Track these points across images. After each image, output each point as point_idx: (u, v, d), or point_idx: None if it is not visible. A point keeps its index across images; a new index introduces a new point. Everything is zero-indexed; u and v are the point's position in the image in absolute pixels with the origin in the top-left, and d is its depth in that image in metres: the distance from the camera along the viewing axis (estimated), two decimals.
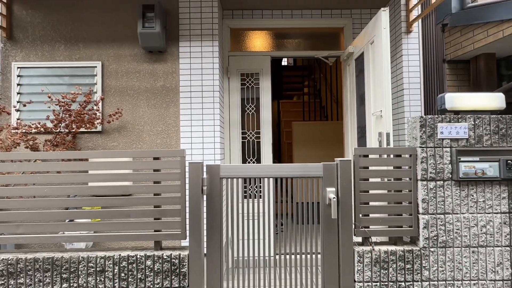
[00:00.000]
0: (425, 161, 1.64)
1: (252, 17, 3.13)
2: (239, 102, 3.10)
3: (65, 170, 1.71)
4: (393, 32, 2.88)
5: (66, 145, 2.47)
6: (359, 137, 2.72)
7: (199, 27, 2.68)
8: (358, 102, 2.76)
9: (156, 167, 1.64)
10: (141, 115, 2.68)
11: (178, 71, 2.68)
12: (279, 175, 1.67)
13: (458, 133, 1.67)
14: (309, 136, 4.36)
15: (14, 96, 2.64)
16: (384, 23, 2.06)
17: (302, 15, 3.13)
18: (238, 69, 3.12)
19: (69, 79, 2.70)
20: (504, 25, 2.32)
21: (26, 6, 2.72)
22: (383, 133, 2.07)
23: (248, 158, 3.12)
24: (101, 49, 2.70)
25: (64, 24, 2.71)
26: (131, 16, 2.66)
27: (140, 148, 2.67)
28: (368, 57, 2.44)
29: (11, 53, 2.71)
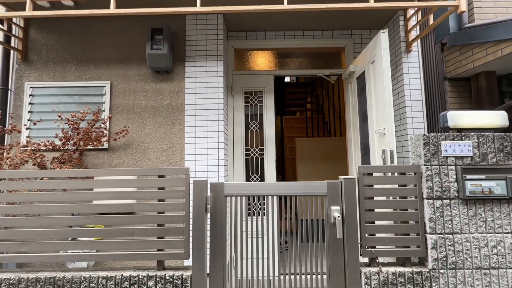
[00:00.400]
0: (430, 179, 1.63)
1: (256, 38, 3.25)
2: (243, 119, 3.15)
3: (71, 188, 1.73)
4: (393, 51, 2.95)
5: (73, 162, 2.51)
6: (362, 154, 2.72)
7: (204, 48, 2.78)
8: (360, 119, 2.78)
9: (160, 185, 1.66)
10: (147, 132, 2.73)
11: (184, 90, 2.75)
12: (283, 193, 1.66)
13: (462, 151, 1.66)
14: (312, 152, 4.35)
15: (25, 114, 2.73)
16: (383, 44, 2.13)
17: (304, 36, 3.24)
18: (242, 88, 3.19)
19: (78, 98, 2.79)
20: (502, 44, 2.37)
21: (42, 30, 2.86)
22: (386, 151, 2.07)
23: (251, 174, 3.12)
24: (111, 69, 2.80)
25: (76, 46, 2.84)
26: (140, 38, 2.78)
27: (145, 165, 2.70)
28: (369, 76, 2.49)
29: (24, 73, 2.83)
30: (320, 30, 3.23)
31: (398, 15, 2.88)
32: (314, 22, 3.08)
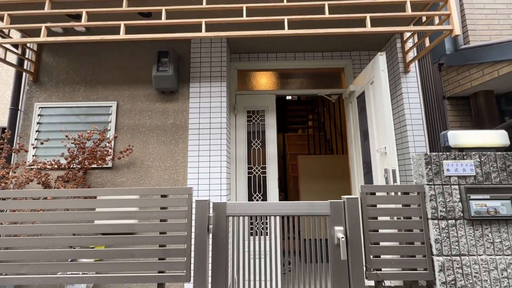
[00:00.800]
0: (434, 199, 1.62)
1: (258, 59, 3.37)
2: (246, 138, 3.19)
3: (73, 208, 1.73)
4: (392, 72, 3.03)
5: (77, 181, 2.53)
6: (365, 172, 2.71)
7: (208, 69, 2.89)
8: (362, 137, 2.80)
9: (163, 205, 1.66)
10: (150, 151, 2.77)
11: (188, 109, 2.82)
12: (285, 213, 1.65)
13: (465, 170, 1.66)
14: (315, 170, 4.34)
15: (33, 134, 2.79)
16: (382, 66, 2.20)
17: (305, 57, 3.35)
18: (245, 107, 3.26)
19: (85, 118, 2.86)
20: (498, 65, 2.43)
21: (53, 53, 3.00)
22: (389, 170, 2.07)
23: (254, 193, 3.11)
24: (118, 90, 2.90)
25: (85, 68, 2.96)
26: (147, 61, 2.90)
27: (148, 183, 2.71)
28: (369, 96, 2.54)
29: (35, 94, 2.93)
30: (320, 52, 3.35)
31: (395, 38, 2.99)
32: (314, 44, 3.20)
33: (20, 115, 2.87)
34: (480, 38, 2.92)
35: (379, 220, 1.65)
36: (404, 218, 1.66)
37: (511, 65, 2.35)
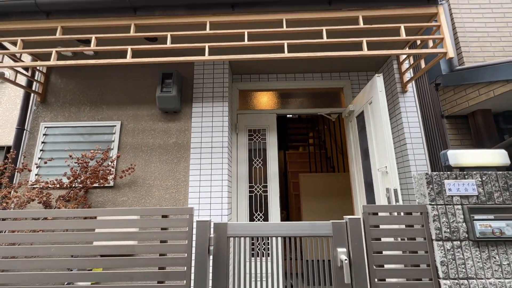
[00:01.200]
0: (438, 219, 1.60)
1: (259, 80, 3.46)
2: (247, 156, 3.21)
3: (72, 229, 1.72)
4: (389, 91, 3.10)
5: (78, 201, 2.52)
6: (366, 191, 2.70)
7: (211, 90, 2.97)
8: (362, 156, 2.81)
9: (164, 225, 1.65)
10: (152, 170, 2.78)
11: (190, 129, 2.87)
12: (287, 234, 1.63)
13: (467, 190, 1.65)
14: (316, 188, 4.31)
15: (37, 153, 2.83)
16: (379, 87, 2.26)
17: (304, 77, 3.45)
18: (246, 126, 3.31)
19: (89, 137, 2.91)
20: (493, 85, 2.49)
21: (62, 75, 3.11)
22: (390, 189, 2.07)
23: (255, 212, 3.07)
24: (122, 110, 2.97)
25: (92, 89, 3.05)
26: (151, 82, 2.99)
27: (149, 202, 2.69)
28: (368, 116, 2.59)
29: (41, 114, 3.00)
30: (319, 73, 3.45)
31: (391, 59, 3.09)
32: (313, 66, 3.31)
33: (26, 135, 2.93)
34: (474, 59, 3.01)
35: (383, 241, 1.62)
36: (408, 239, 1.63)
37: (506, 86, 2.41)
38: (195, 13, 2.37)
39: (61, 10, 2.36)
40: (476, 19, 3.14)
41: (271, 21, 2.37)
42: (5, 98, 4.17)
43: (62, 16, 2.38)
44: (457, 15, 3.17)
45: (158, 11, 2.37)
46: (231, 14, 2.37)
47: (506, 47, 3.04)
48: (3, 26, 2.41)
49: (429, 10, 2.34)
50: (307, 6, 2.35)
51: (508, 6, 3.18)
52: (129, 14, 2.37)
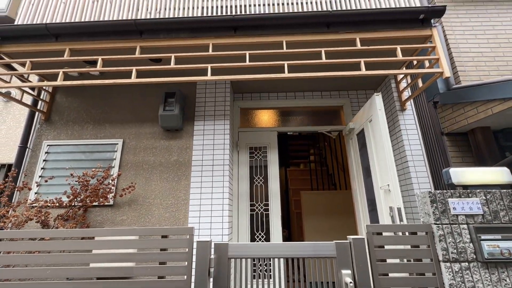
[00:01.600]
0: (444, 240, 1.56)
1: (260, 98, 3.53)
2: (248, 174, 3.20)
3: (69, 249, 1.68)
4: (389, 109, 3.14)
5: (77, 220, 2.48)
6: (369, 209, 2.65)
7: (212, 108, 3.02)
8: (364, 174, 2.80)
9: (163, 246, 1.61)
10: (153, 188, 2.76)
11: (191, 146, 2.88)
12: (289, 255, 1.59)
13: (472, 209, 1.63)
14: (318, 206, 4.24)
15: (38, 171, 2.82)
16: (378, 105, 2.29)
17: (305, 96, 3.52)
18: (247, 143, 3.33)
19: (90, 155, 2.92)
20: (491, 103, 2.53)
21: (67, 94, 3.18)
22: (394, 208, 2.04)
23: (256, 231, 3.01)
24: (125, 128, 3.00)
25: (96, 108, 3.10)
26: (154, 101, 3.05)
27: (148, 222, 2.65)
28: (368, 133, 2.61)
29: (44, 132, 3.03)
30: (319, 91, 3.52)
31: (389, 78, 3.16)
32: (313, 85, 3.38)
33: (28, 153, 2.94)
34: (470, 78, 3.08)
35: (388, 262, 1.57)
36: (414, 260, 1.59)
37: (504, 104, 2.45)
38: (198, 35, 2.47)
39: (70, 34, 2.46)
40: (469, 40, 3.25)
41: (272, 43, 2.46)
42: (10, 117, 4.22)
43: (70, 39, 2.48)
44: (451, 36, 3.29)
45: (163, 34, 2.46)
46: (233, 37, 2.46)
47: (500, 66, 3.12)
48: (14, 48, 2.51)
49: (424, 32, 2.43)
50: (306, 29, 2.45)
51: (499, 28, 3.30)
52: (135, 37, 2.46)
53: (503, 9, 3.38)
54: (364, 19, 2.40)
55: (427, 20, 2.44)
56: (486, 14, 3.37)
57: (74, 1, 2.67)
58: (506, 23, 3.31)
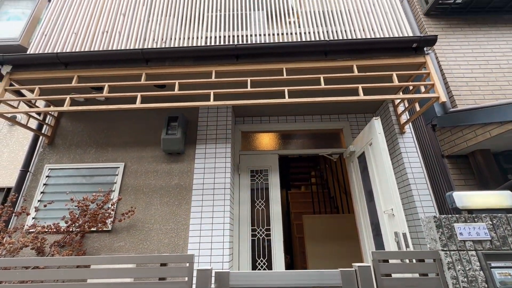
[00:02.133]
0: (453, 267, 1.51)
1: (261, 122, 3.59)
2: (249, 197, 3.16)
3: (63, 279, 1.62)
4: (388, 133, 3.18)
5: (73, 246, 2.42)
6: (374, 235, 2.59)
7: (214, 132, 3.06)
8: (367, 197, 2.77)
9: (162, 275, 1.55)
10: (152, 212, 2.72)
11: (193, 170, 2.88)
12: (294, 285, 1.53)
13: (479, 234, 1.60)
14: (321, 231, 4.14)
15: (37, 195, 2.79)
16: (378, 129, 2.33)
17: (305, 119, 3.58)
18: (248, 166, 3.33)
19: (91, 178, 2.90)
20: (488, 127, 2.57)
21: (72, 118, 3.24)
22: (399, 233, 1.99)
23: (258, 258, 2.91)
24: (127, 151, 3.02)
25: (99, 131, 3.15)
26: (157, 124, 3.10)
27: (147, 248, 2.57)
28: (369, 157, 2.62)
29: (47, 156, 3.05)
30: (318, 115, 3.59)
31: (387, 103, 3.24)
32: (313, 109, 3.46)
33: (29, 177, 2.93)
34: (466, 102, 3.15)
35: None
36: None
37: (501, 127, 2.48)
38: (202, 63, 2.58)
39: (79, 62, 2.58)
40: (462, 66, 3.38)
41: (272, 70, 2.56)
42: (13, 140, 4.26)
43: (79, 67, 2.59)
44: (444, 62, 3.42)
45: (168, 62, 2.57)
46: (235, 64, 2.57)
47: (494, 91, 3.22)
48: (24, 75, 2.61)
49: (418, 59, 2.54)
50: (305, 57, 2.56)
51: (489, 54, 3.45)
52: (141, 64, 2.57)
53: (492, 37, 3.56)
54: (360, 48, 2.52)
55: (420, 49, 2.56)
56: (476, 42, 3.54)
57: (85, 32, 2.82)
58: (496, 50, 3.46)
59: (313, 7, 2.94)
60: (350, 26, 2.77)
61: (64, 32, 2.84)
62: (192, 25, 2.89)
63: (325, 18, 2.86)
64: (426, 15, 3.76)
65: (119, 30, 2.83)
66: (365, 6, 2.90)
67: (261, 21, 2.90)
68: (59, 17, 2.94)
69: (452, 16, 3.72)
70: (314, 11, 2.91)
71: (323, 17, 2.87)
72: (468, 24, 3.68)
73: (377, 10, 2.85)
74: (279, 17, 2.93)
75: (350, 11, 2.87)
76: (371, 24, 2.77)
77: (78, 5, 3.02)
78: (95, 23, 2.88)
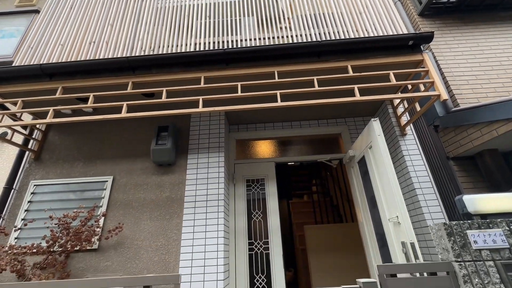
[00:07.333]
0: (469, 281, 1.34)
1: (256, 129, 3.46)
2: (245, 209, 2.99)
3: None
4: (389, 135, 3.04)
5: (56, 267, 2.25)
6: (380, 246, 2.40)
7: (207, 141, 2.93)
8: (370, 204, 2.60)
9: None
10: (142, 228, 2.55)
11: (184, 181, 2.73)
12: None
13: (495, 242, 1.43)
14: (324, 242, 3.92)
15: (21, 213, 2.65)
16: (377, 131, 2.19)
17: (301, 125, 3.46)
18: (244, 176, 3.17)
19: (79, 194, 2.76)
20: (495, 125, 2.43)
21: (60, 132, 3.13)
22: (406, 243, 1.81)
23: (256, 275, 2.71)
24: (116, 164, 2.89)
25: (87, 144, 3.03)
26: (147, 135, 2.98)
27: (135, 267, 2.39)
28: (369, 160, 2.47)
29: (32, 172, 2.92)
30: (315, 120, 3.46)
31: (385, 104, 3.11)
32: (309, 113, 3.34)
33: (13, 194, 2.79)
34: (468, 101, 3.02)
35: None
36: None
37: (508, 124, 2.34)
38: (190, 70, 2.48)
39: (64, 73, 2.49)
40: (461, 65, 3.27)
41: (263, 73, 2.46)
42: (3, 157, 4.15)
43: (64, 78, 2.50)
44: (442, 61, 3.32)
45: (155, 70, 2.48)
46: (225, 69, 2.47)
47: (497, 88, 3.09)
48: (8, 88, 2.52)
49: (415, 57, 2.44)
50: (297, 59, 2.46)
51: (488, 52, 3.35)
52: (127, 73, 2.48)
53: (490, 34, 3.47)
54: (354, 47, 2.43)
55: (417, 46, 2.46)
56: (473, 40, 3.45)
57: (72, 43, 2.76)
58: (495, 47, 3.37)
59: (304, 11, 2.87)
60: (343, 27, 2.69)
61: (50, 43, 2.78)
62: (181, 32, 2.83)
63: (317, 20, 2.79)
64: (420, 15, 3.70)
65: (106, 40, 2.76)
66: (357, 7, 2.83)
67: (251, 27, 2.83)
68: (47, 28, 2.90)
69: (447, 15, 3.65)
70: (305, 14, 2.84)
71: (315, 20, 2.79)
72: (464, 22, 3.60)
73: (370, 10, 2.78)
74: (270, 22, 2.87)
75: (343, 13, 2.80)
76: (364, 24, 2.68)
77: (66, 17, 2.97)
78: (82, 34, 2.82)
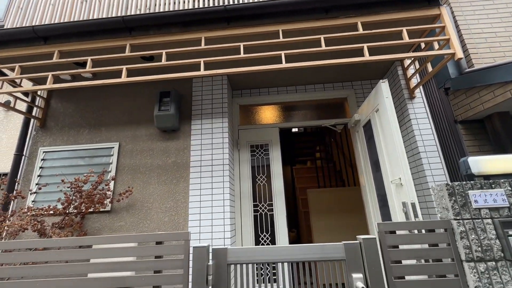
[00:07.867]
0: (466, 237, 1.39)
1: (259, 94, 3.39)
2: (250, 173, 3.06)
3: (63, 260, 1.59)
4: (397, 98, 2.95)
5: (73, 227, 2.40)
6: (380, 205, 2.48)
7: (210, 106, 2.89)
8: (373, 168, 2.63)
9: (158, 253, 1.49)
10: (151, 192, 2.66)
11: (189, 147, 2.76)
12: (295, 259, 1.45)
13: (496, 201, 1.46)
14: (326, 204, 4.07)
15: (34, 179, 2.76)
16: (385, 93, 2.12)
17: (306, 89, 3.36)
18: (248, 141, 3.19)
19: (88, 160, 2.83)
20: (510, 85, 2.32)
21: (62, 99, 3.11)
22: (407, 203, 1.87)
23: (261, 233, 2.87)
24: (120, 131, 2.91)
25: (91, 112, 3.02)
26: (149, 101, 2.94)
27: (147, 227, 2.54)
28: (375, 124, 2.43)
29: (40, 139, 2.96)
30: (321, 84, 3.35)
31: (395, 65, 2.97)
32: (314, 77, 3.22)
33: (25, 161, 2.88)
34: (484, 61, 2.86)
35: (404, 264, 1.42)
36: (433, 261, 1.42)
37: None
38: (189, 30, 2.35)
39: (58, 35, 2.38)
40: (481, 20, 3.03)
41: (267, 33, 2.32)
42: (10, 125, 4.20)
43: (59, 41, 2.39)
44: (460, 17, 3.07)
45: (153, 30, 2.35)
46: (226, 29, 2.33)
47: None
48: (3, 53, 2.44)
49: (431, 12, 2.25)
50: (303, 16, 2.30)
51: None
52: (124, 34, 2.36)
53: None
54: (364, 1, 2.23)
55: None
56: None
57: (63, 2, 2.59)
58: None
59: None
60: None
61: (41, 3, 2.61)
62: None
63: None
64: None
65: None
66: None
67: None
68: None
69: None
70: None
71: None
72: None
73: None
74: None
75: None
76: None
77: None
78: None
